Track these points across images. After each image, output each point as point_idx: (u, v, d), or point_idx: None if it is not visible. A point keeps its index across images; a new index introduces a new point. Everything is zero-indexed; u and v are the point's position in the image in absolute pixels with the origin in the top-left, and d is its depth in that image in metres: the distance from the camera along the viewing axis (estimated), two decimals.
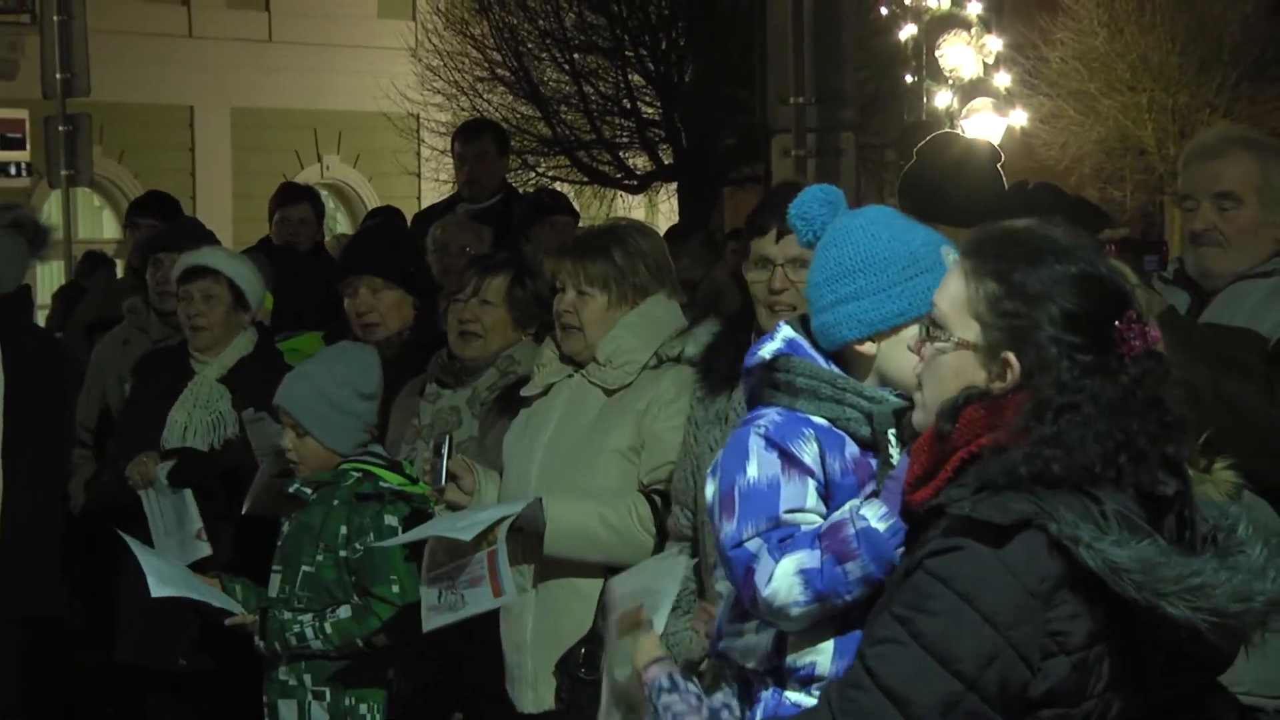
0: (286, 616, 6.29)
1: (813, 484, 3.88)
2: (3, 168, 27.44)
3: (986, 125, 28.38)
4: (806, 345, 4.00)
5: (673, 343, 5.73)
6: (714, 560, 5.17)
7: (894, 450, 3.84)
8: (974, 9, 29.66)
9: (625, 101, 24.61)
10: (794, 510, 3.85)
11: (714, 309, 6.00)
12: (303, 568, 6.33)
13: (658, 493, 5.62)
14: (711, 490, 3.97)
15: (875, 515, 3.68)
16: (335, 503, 6.33)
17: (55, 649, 8.15)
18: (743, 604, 3.90)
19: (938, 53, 29.18)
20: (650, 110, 24.57)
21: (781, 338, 4.02)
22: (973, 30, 29.70)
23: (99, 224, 27.90)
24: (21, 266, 8.24)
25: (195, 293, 7.49)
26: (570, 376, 5.86)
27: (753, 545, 3.83)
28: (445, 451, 5.81)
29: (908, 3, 28.31)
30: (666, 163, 24.63)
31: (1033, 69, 31.13)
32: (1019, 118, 30.26)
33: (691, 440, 5.31)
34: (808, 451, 3.89)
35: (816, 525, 3.81)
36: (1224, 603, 3.17)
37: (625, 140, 24.92)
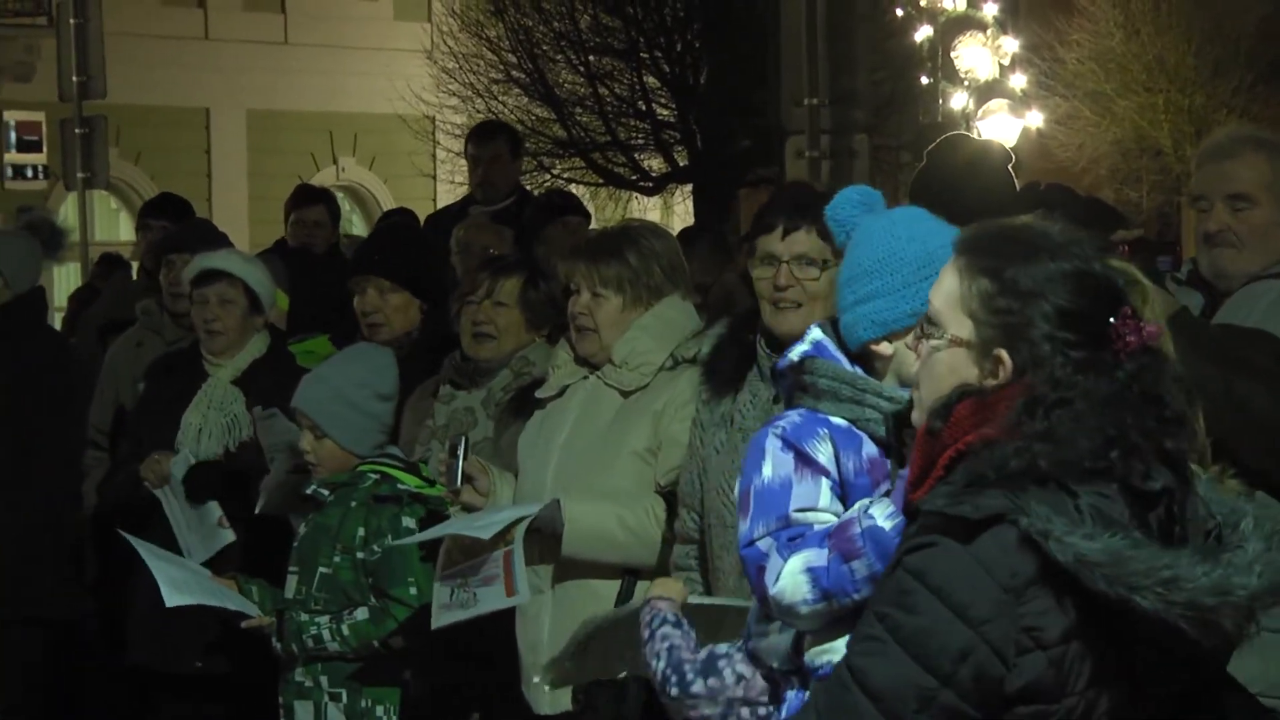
0: (304, 618, 6.29)
1: (826, 483, 3.89)
2: (19, 170, 27.56)
3: (1002, 126, 28.35)
4: (832, 347, 4.04)
5: (688, 344, 5.74)
6: (719, 563, 5.19)
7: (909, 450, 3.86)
8: (990, 10, 29.64)
9: (640, 103, 24.61)
10: (805, 509, 3.86)
11: (726, 312, 6.00)
12: (320, 569, 6.33)
13: (674, 494, 5.63)
14: (736, 492, 4.01)
15: (883, 514, 3.68)
16: (353, 504, 6.33)
17: (66, 651, 8.14)
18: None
19: (953, 54, 29.16)
20: (665, 112, 24.57)
21: (810, 339, 4.07)
22: (988, 31, 29.68)
23: (115, 226, 27.90)
24: (35, 268, 8.23)
25: (212, 296, 7.45)
26: (586, 378, 5.86)
27: (764, 544, 3.85)
28: (461, 453, 5.80)
29: (923, 4, 28.30)
30: (681, 164, 24.63)
31: (1049, 70, 31.13)
32: (1035, 119, 30.25)
33: (697, 442, 5.33)
34: (822, 451, 3.91)
35: (828, 524, 3.83)
36: (1199, 596, 3.13)
37: (640, 142, 24.93)
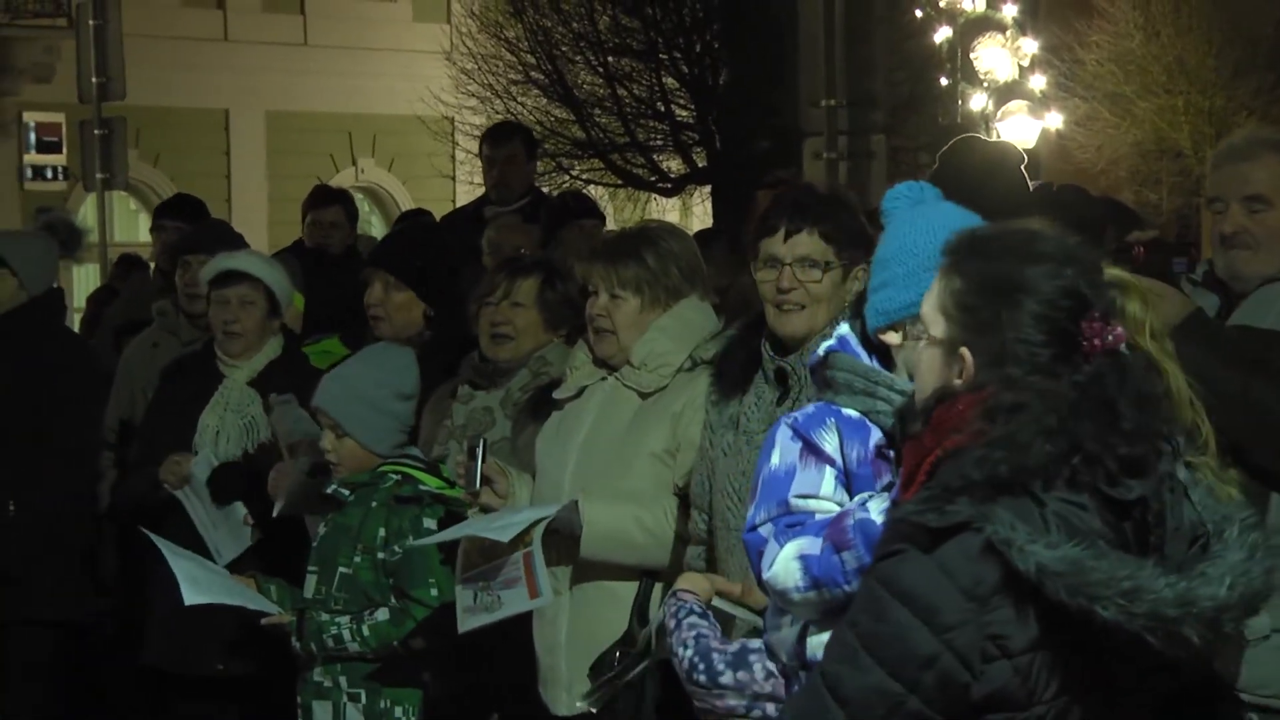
0: (324, 618, 6.28)
1: (830, 472, 3.92)
2: (39, 171, 27.65)
3: (1021, 128, 28.27)
4: (854, 342, 4.08)
5: (706, 345, 5.73)
6: (725, 566, 5.19)
7: None
8: (1009, 11, 29.54)
9: (659, 104, 24.64)
10: (805, 495, 3.90)
11: (744, 313, 5.99)
12: (340, 569, 6.32)
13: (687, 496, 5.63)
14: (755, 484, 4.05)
15: (877, 508, 3.71)
16: (374, 504, 6.33)
17: (82, 652, 8.14)
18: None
19: (973, 55, 29.08)
20: (684, 113, 24.59)
21: (836, 334, 4.12)
22: (1008, 33, 29.59)
23: (134, 227, 27.91)
24: (52, 269, 8.24)
25: (232, 298, 7.43)
26: (604, 379, 5.87)
27: (764, 530, 3.90)
28: (480, 455, 5.81)
29: (942, 5, 28.23)
30: (700, 166, 24.65)
31: (1068, 71, 31.04)
32: (1054, 120, 30.15)
33: (707, 444, 5.34)
34: (828, 441, 3.94)
35: (830, 514, 3.85)
36: (1161, 607, 3.12)
37: (659, 143, 24.95)
